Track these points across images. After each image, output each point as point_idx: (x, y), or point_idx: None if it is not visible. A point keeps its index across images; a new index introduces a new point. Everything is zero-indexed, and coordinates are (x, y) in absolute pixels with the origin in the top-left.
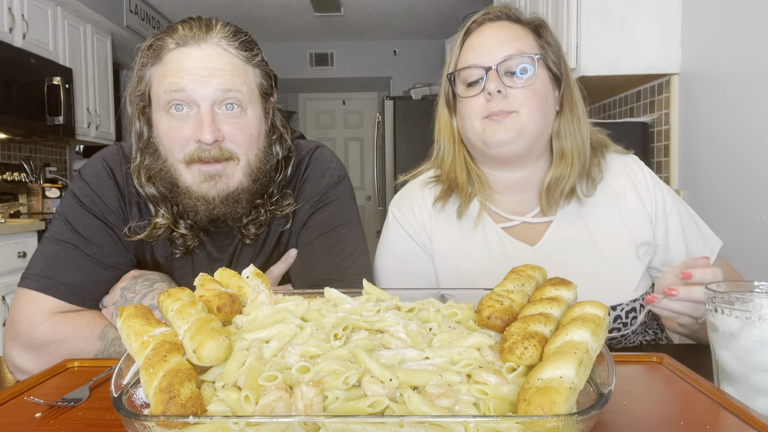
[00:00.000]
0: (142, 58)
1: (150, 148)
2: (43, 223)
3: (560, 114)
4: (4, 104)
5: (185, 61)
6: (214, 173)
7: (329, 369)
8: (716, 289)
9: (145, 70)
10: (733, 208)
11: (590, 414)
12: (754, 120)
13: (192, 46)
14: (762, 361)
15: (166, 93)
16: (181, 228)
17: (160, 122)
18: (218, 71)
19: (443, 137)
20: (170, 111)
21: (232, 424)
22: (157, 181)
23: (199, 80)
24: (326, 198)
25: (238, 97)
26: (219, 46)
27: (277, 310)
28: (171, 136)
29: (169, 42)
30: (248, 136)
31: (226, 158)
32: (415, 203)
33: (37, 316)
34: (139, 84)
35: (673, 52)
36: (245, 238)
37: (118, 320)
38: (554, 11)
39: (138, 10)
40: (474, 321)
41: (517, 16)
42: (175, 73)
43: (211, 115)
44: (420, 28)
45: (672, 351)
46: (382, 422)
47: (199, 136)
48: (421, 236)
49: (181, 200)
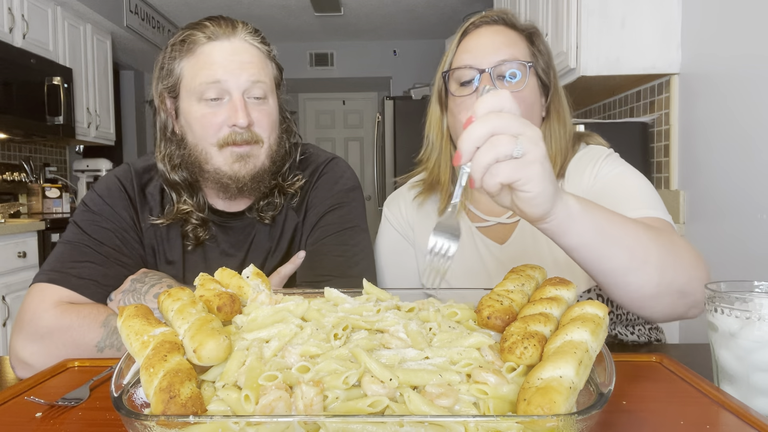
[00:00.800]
0: (172, 52)
1: (174, 137)
2: (42, 223)
3: (546, 120)
4: (4, 104)
5: (218, 54)
6: (244, 154)
7: (329, 369)
8: (716, 288)
9: (174, 63)
10: (733, 208)
11: (590, 414)
12: (754, 120)
13: (223, 40)
14: (762, 361)
15: (201, 84)
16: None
17: (191, 111)
18: (247, 64)
19: (433, 132)
20: (204, 100)
21: (232, 423)
22: (181, 169)
23: (232, 72)
24: (338, 202)
25: (264, 87)
26: (245, 41)
27: (277, 310)
28: (205, 123)
29: (201, 37)
30: (271, 121)
31: (255, 141)
32: (402, 201)
33: (44, 304)
34: (169, 77)
35: (673, 52)
36: (263, 219)
37: (119, 320)
38: (554, 11)
39: (138, 10)
40: (474, 321)
41: (513, 22)
42: (209, 65)
43: (243, 102)
44: (420, 28)
45: (672, 351)
46: (382, 422)
47: (234, 121)
48: (406, 230)
49: (206, 184)
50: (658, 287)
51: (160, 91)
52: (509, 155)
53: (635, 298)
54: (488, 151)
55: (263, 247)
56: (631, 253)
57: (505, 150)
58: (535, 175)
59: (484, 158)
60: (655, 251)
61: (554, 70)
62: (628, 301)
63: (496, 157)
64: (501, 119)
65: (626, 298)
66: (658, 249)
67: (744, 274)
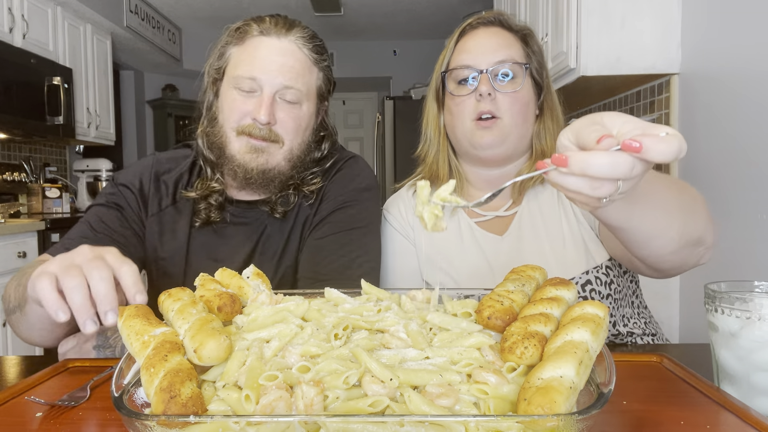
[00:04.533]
0: (228, 37)
1: (212, 115)
2: (42, 223)
3: (540, 117)
4: (4, 104)
5: (263, 49)
6: (258, 147)
7: (330, 369)
8: (716, 288)
9: (227, 48)
10: (733, 208)
11: (590, 413)
12: (755, 120)
13: (273, 37)
14: (762, 361)
15: (240, 75)
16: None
17: (227, 94)
18: (287, 67)
19: (430, 129)
20: (238, 87)
21: (232, 423)
22: (213, 147)
23: (269, 72)
24: (351, 200)
25: (297, 94)
26: (295, 43)
27: (278, 310)
28: (233, 107)
29: (254, 28)
30: (297, 126)
31: (273, 140)
32: (401, 203)
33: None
34: (220, 59)
35: (673, 52)
36: (274, 212)
37: (119, 320)
38: (554, 11)
39: (138, 10)
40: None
41: (508, 23)
42: (251, 60)
43: (271, 101)
44: (420, 28)
45: (672, 351)
46: (382, 422)
47: (256, 114)
48: (407, 230)
49: (225, 170)
50: (678, 244)
51: (210, 71)
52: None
53: (657, 255)
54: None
55: (273, 239)
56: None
57: (624, 171)
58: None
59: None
60: (679, 213)
61: (546, 69)
62: (650, 258)
63: (612, 174)
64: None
65: (649, 257)
66: (681, 208)
67: (744, 274)
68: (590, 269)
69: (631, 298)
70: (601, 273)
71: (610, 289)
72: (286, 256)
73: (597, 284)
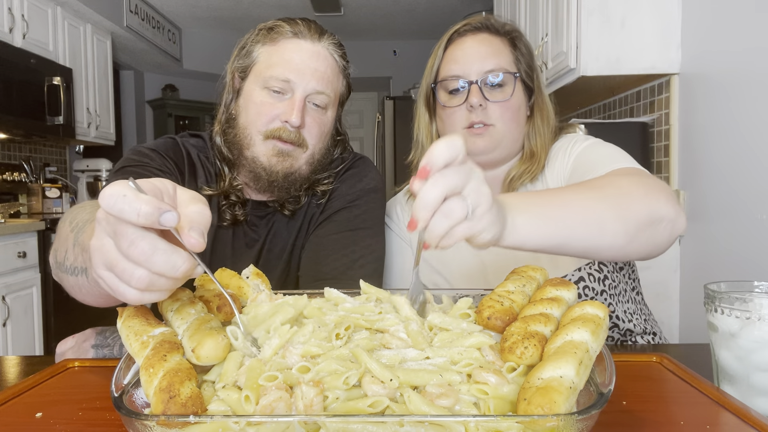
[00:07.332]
0: (257, 36)
1: (230, 115)
2: (42, 223)
3: (531, 118)
4: (4, 104)
5: (297, 52)
6: (285, 151)
7: (330, 369)
8: (716, 289)
9: (255, 46)
10: (733, 208)
11: (590, 413)
12: (755, 120)
13: (308, 40)
14: (762, 361)
15: (272, 76)
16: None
17: (253, 94)
18: (320, 73)
19: (423, 135)
20: (267, 88)
21: (232, 423)
22: (231, 146)
23: (304, 75)
24: (357, 200)
25: (326, 99)
26: (327, 49)
27: (277, 305)
28: (261, 110)
29: (288, 30)
30: (322, 131)
31: (299, 144)
32: (398, 206)
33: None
34: (246, 58)
35: (673, 52)
36: (283, 210)
37: (118, 320)
38: (554, 11)
39: (138, 10)
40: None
41: (495, 27)
42: (285, 62)
43: (303, 104)
44: (420, 28)
45: (672, 351)
46: (382, 422)
47: (288, 117)
48: (404, 231)
49: (241, 171)
50: (627, 234)
51: (233, 69)
52: (463, 218)
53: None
54: (443, 220)
55: (281, 237)
56: (589, 228)
57: (459, 216)
58: (487, 224)
59: (441, 227)
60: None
61: (536, 70)
62: (612, 258)
63: (451, 225)
64: (449, 179)
65: (608, 257)
66: (608, 204)
67: (744, 274)
68: (582, 266)
69: (631, 293)
70: (594, 269)
71: (605, 285)
72: (294, 254)
73: (590, 281)
